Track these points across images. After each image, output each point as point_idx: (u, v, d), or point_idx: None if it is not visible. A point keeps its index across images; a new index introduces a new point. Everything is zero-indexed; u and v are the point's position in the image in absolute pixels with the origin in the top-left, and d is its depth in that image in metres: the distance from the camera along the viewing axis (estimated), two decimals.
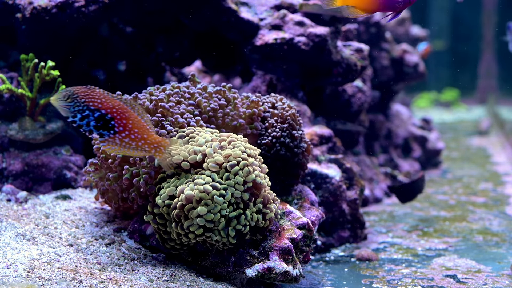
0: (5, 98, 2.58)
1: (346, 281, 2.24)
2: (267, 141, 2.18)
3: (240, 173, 1.82)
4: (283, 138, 2.19)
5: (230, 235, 1.80)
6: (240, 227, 1.81)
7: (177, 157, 1.87)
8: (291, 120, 2.20)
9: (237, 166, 1.82)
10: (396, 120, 4.69)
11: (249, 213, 1.83)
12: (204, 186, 1.78)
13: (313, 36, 2.85)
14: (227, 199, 1.79)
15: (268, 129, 2.20)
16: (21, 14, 2.62)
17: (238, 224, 1.81)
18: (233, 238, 1.81)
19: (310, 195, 2.29)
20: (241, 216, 1.82)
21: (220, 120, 2.09)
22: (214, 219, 1.78)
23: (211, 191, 1.78)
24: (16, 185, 2.50)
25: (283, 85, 2.89)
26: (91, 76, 3.00)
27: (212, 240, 1.82)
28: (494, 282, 2.20)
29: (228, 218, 1.80)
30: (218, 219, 1.79)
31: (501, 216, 3.27)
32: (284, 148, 2.19)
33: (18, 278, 1.69)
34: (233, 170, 1.82)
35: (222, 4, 2.86)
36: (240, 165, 1.83)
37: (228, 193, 1.80)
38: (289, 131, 2.19)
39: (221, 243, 1.82)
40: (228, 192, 1.80)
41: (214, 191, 1.78)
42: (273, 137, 2.18)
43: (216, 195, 1.78)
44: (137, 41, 3.07)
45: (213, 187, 1.79)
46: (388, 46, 4.39)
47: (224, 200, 1.79)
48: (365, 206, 3.48)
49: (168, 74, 3.38)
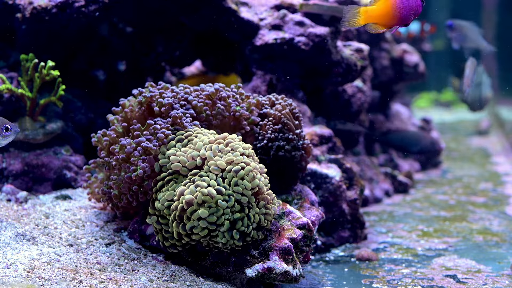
0: (5, 98, 2.58)
1: (346, 281, 2.24)
2: (263, 144, 2.18)
3: (246, 178, 1.82)
4: (279, 141, 2.18)
5: (235, 238, 1.81)
6: (243, 228, 1.81)
7: (176, 164, 1.87)
8: (286, 120, 2.19)
9: (242, 171, 1.82)
10: (396, 120, 4.69)
11: (251, 215, 1.83)
12: (208, 190, 1.78)
13: (313, 36, 2.85)
14: (230, 205, 1.79)
15: (265, 129, 2.19)
16: (21, 14, 2.62)
17: (242, 226, 1.81)
18: (238, 241, 1.82)
19: (310, 195, 2.29)
20: (244, 218, 1.82)
21: (215, 119, 2.09)
22: (218, 222, 1.79)
23: (215, 195, 1.78)
24: (16, 185, 2.50)
25: (283, 85, 2.89)
26: (91, 76, 3.00)
27: (217, 243, 1.82)
28: (494, 282, 2.20)
29: (232, 220, 1.80)
30: (222, 222, 1.79)
31: (501, 216, 3.27)
32: (282, 150, 2.19)
33: (18, 278, 1.69)
34: (239, 174, 1.82)
35: (222, 4, 2.86)
36: (246, 170, 1.83)
37: (231, 199, 1.80)
38: (285, 133, 2.19)
39: (228, 246, 1.82)
40: (232, 198, 1.80)
41: (218, 195, 1.79)
42: (268, 139, 2.18)
43: (220, 199, 1.78)
44: (137, 41, 3.07)
45: (217, 191, 1.79)
46: (388, 46, 4.39)
47: (227, 205, 1.79)
48: (365, 206, 3.47)
49: (168, 74, 3.38)
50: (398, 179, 3.92)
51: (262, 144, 2.18)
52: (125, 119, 2.09)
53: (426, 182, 4.31)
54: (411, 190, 4.00)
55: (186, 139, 1.95)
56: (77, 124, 2.79)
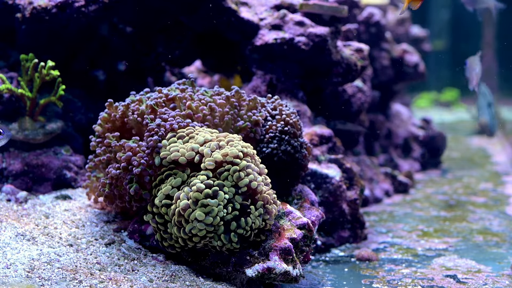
0: (5, 98, 2.58)
1: (346, 281, 2.24)
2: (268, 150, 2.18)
3: (237, 175, 1.82)
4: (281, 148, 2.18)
5: (233, 241, 1.80)
6: (242, 231, 1.81)
7: (175, 154, 1.88)
8: (292, 128, 2.18)
9: (235, 166, 1.82)
10: (396, 120, 4.69)
11: (252, 217, 1.83)
12: (197, 185, 1.78)
13: (313, 36, 2.85)
14: (220, 199, 1.79)
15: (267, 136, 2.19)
16: (21, 14, 2.62)
17: (240, 228, 1.81)
18: (236, 243, 1.81)
19: (310, 195, 2.29)
20: (241, 219, 1.81)
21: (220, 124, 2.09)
22: (214, 223, 1.78)
23: (203, 190, 1.78)
24: (16, 185, 2.50)
25: (283, 85, 2.89)
26: (91, 76, 3.00)
27: (213, 244, 1.82)
28: (494, 282, 2.20)
29: (227, 220, 1.80)
30: (217, 222, 1.79)
31: (501, 216, 3.27)
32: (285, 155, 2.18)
33: (18, 278, 1.69)
34: (232, 169, 1.82)
35: (222, 4, 2.86)
36: (240, 166, 1.83)
37: (220, 194, 1.79)
38: (288, 142, 2.18)
39: (224, 248, 1.82)
40: (225, 193, 1.80)
41: (207, 189, 1.78)
42: (272, 148, 2.17)
43: (209, 194, 1.78)
44: (137, 41, 3.06)
45: (206, 185, 1.79)
46: (388, 46, 4.39)
47: (219, 201, 1.78)
48: (365, 206, 3.48)
49: (168, 74, 3.38)
50: (398, 179, 3.92)
51: (264, 147, 2.18)
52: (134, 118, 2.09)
53: (426, 182, 4.31)
54: (411, 190, 4.00)
55: (188, 136, 1.95)
56: (77, 124, 2.79)
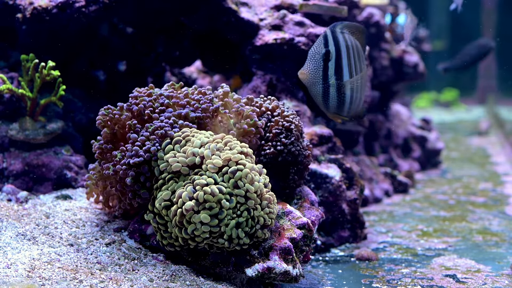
0: (5, 98, 2.59)
1: (346, 281, 2.24)
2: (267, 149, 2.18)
3: (244, 180, 1.82)
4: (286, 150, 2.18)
5: (241, 237, 1.81)
6: (247, 229, 1.82)
7: (175, 164, 1.87)
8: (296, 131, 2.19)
9: (239, 172, 1.82)
10: (396, 120, 4.70)
11: (256, 217, 1.84)
12: (211, 188, 1.78)
13: (313, 36, 2.85)
14: (232, 206, 1.79)
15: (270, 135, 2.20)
16: (21, 14, 2.63)
17: (246, 227, 1.82)
18: (246, 238, 1.82)
19: (310, 195, 2.29)
20: (248, 220, 1.82)
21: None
22: (221, 224, 1.79)
23: (217, 194, 1.78)
24: (16, 185, 2.50)
25: (283, 85, 2.90)
26: (91, 76, 3.00)
27: (219, 243, 1.82)
28: (493, 281, 2.20)
29: (236, 222, 1.81)
30: (225, 224, 1.79)
31: (500, 216, 3.28)
32: (288, 156, 2.19)
33: (19, 278, 1.70)
34: (236, 176, 1.82)
35: (222, 4, 2.86)
36: (244, 173, 1.83)
37: (233, 199, 1.80)
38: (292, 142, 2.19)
39: (231, 246, 1.83)
40: (231, 196, 1.80)
41: (220, 194, 1.79)
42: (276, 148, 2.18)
43: (222, 198, 1.78)
44: (137, 41, 3.07)
45: (219, 190, 1.79)
46: (388, 46, 4.39)
47: (229, 206, 1.79)
48: (365, 206, 3.48)
49: (168, 74, 3.39)
50: (398, 179, 3.92)
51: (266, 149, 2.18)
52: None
53: (425, 182, 4.32)
54: (411, 190, 4.00)
55: (184, 140, 1.94)
56: (77, 124, 2.80)
